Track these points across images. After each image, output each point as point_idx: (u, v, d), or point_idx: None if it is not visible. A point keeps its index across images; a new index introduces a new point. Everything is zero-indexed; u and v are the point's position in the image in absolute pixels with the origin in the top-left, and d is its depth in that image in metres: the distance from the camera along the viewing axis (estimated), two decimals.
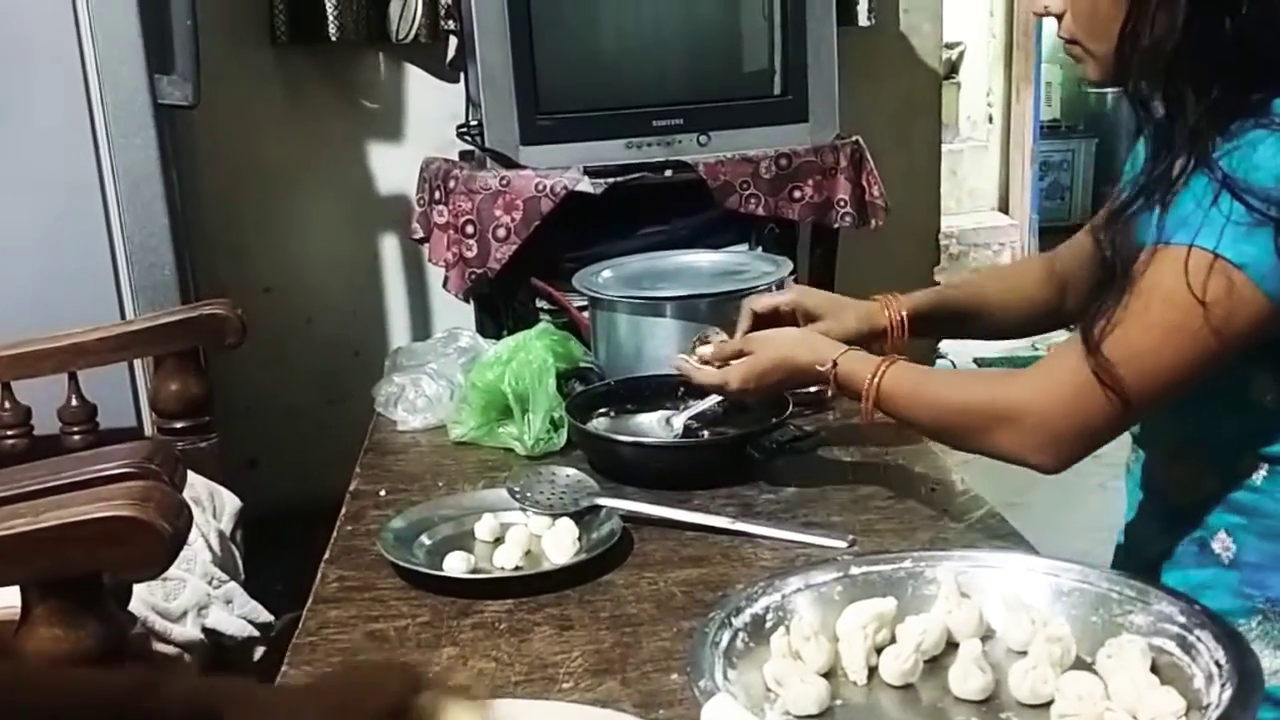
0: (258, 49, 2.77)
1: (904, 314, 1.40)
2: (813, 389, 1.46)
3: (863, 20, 2.87)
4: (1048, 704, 0.91)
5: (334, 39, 2.68)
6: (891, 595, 1.03)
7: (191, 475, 1.64)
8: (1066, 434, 1.08)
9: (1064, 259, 1.40)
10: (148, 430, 2.05)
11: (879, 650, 0.99)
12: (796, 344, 1.34)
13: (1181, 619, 0.94)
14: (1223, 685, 0.86)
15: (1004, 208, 5.81)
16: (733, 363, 1.36)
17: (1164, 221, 1.03)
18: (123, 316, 2.13)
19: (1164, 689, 0.88)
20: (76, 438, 1.81)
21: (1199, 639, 0.92)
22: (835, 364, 1.27)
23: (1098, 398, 1.05)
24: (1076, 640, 0.96)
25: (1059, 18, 1.15)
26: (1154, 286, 1.03)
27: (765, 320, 1.44)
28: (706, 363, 1.40)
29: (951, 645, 0.99)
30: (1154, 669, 0.92)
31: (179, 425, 1.81)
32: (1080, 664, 0.95)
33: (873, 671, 0.98)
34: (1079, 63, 1.15)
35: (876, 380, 1.22)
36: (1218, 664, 0.89)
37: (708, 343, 1.44)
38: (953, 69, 5.48)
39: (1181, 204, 1.02)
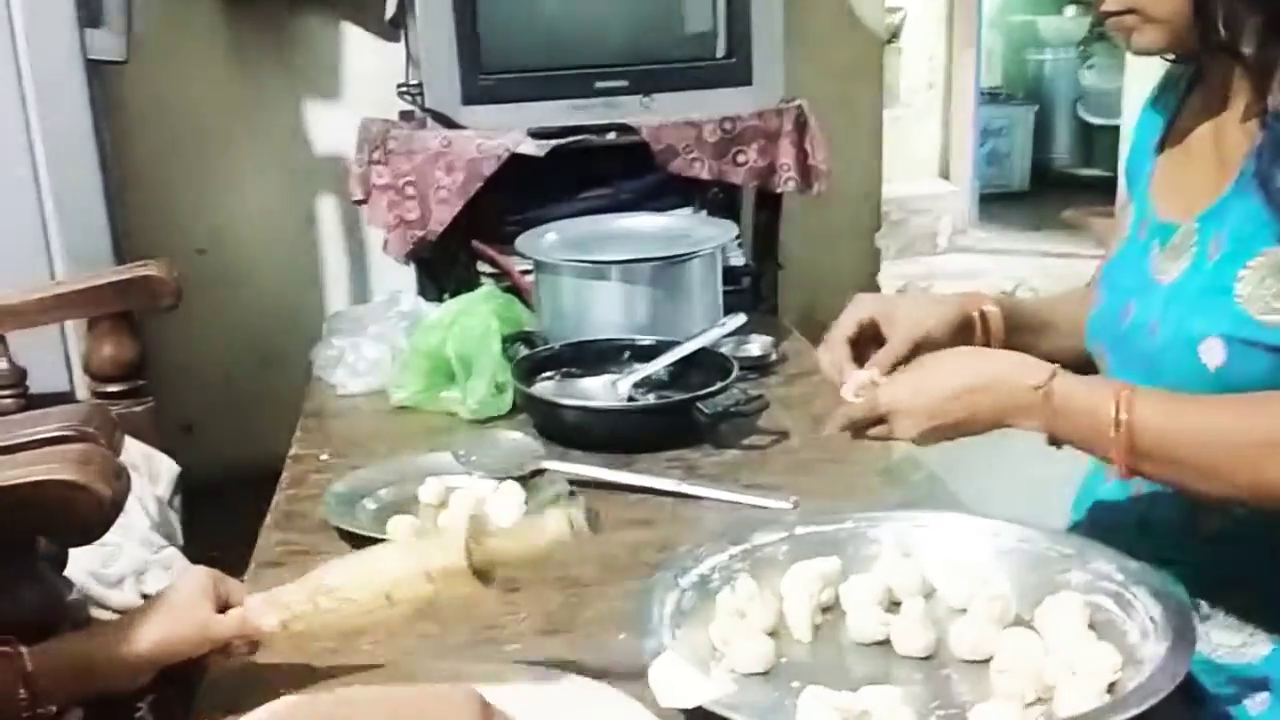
0: (195, 3, 2.71)
1: (992, 310, 1.22)
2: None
3: None
4: (988, 660, 0.94)
5: None
6: (835, 555, 1.05)
7: (127, 440, 1.61)
8: None
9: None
10: (80, 394, 2.01)
11: (823, 609, 1.01)
12: (983, 353, 1.12)
13: (1118, 576, 0.97)
14: (1157, 640, 0.89)
15: (944, 174, 5.87)
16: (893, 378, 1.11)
17: None
18: (52, 277, 2.09)
19: (1101, 644, 0.91)
20: (7, 401, 1.77)
21: (1135, 596, 0.95)
22: (1054, 375, 1.01)
23: None
24: (1016, 598, 0.99)
25: None
26: None
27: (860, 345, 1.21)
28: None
29: (894, 603, 1.01)
30: (1091, 625, 0.95)
31: (113, 389, 1.78)
32: (1020, 621, 0.98)
33: (817, 629, 1.00)
34: (1128, 34, 1.07)
35: (1123, 414, 0.97)
36: (1153, 620, 0.92)
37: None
38: (894, 34, 5.50)
39: None
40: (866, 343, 1.20)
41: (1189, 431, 0.97)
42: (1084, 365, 1.21)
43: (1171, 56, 1.16)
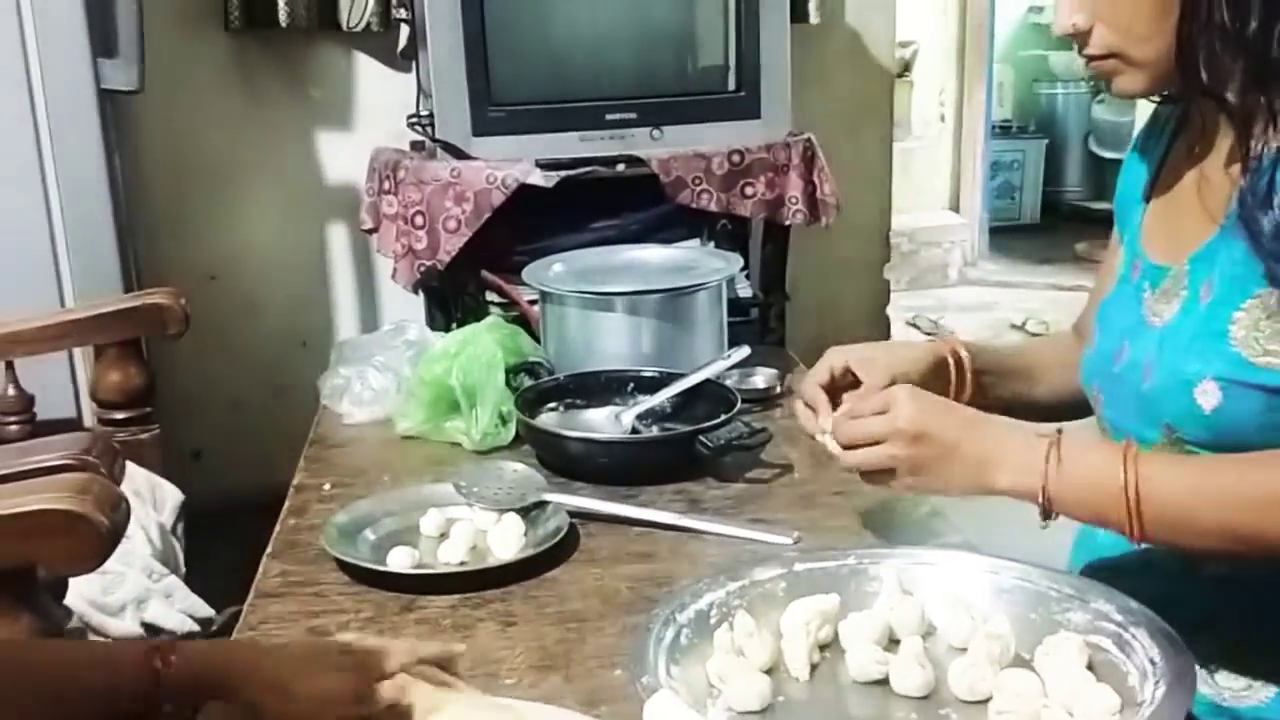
0: (208, 34, 2.73)
1: (964, 354, 1.24)
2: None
3: (812, 18, 2.89)
4: (986, 700, 0.92)
5: (284, 25, 2.65)
6: (835, 592, 1.04)
7: (131, 467, 1.62)
8: None
9: (1088, 314, 1.29)
10: (87, 421, 2.02)
11: (821, 647, 1.00)
12: (964, 411, 1.10)
13: (1118, 617, 0.96)
14: (1156, 682, 0.88)
15: (955, 207, 5.87)
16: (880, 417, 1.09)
17: None
18: (62, 304, 2.10)
19: (1099, 686, 0.90)
20: (13, 428, 1.78)
21: (1134, 637, 0.94)
22: (1061, 430, 1.03)
23: None
24: (1015, 637, 0.98)
25: (1086, 35, 1.07)
26: None
27: (837, 393, 1.23)
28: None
29: (894, 641, 1.00)
30: (1090, 666, 0.93)
31: (119, 416, 1.79)
32: (1019, 661, 0.97)
33: (815, 668, 0.99)
34: (1111, 78, 1.08)
35: (1134, 477, 0.97)
36: (1152, 661, 0.91)
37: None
38: (906, 67, 5.52)
39: None
40: (842, 390, 1.22)
41: (1218, 491, 0.97)
42: (1057, 415, 1.26)
43: (1156, 98, 1.16)
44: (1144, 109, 1.25)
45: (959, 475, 1.06)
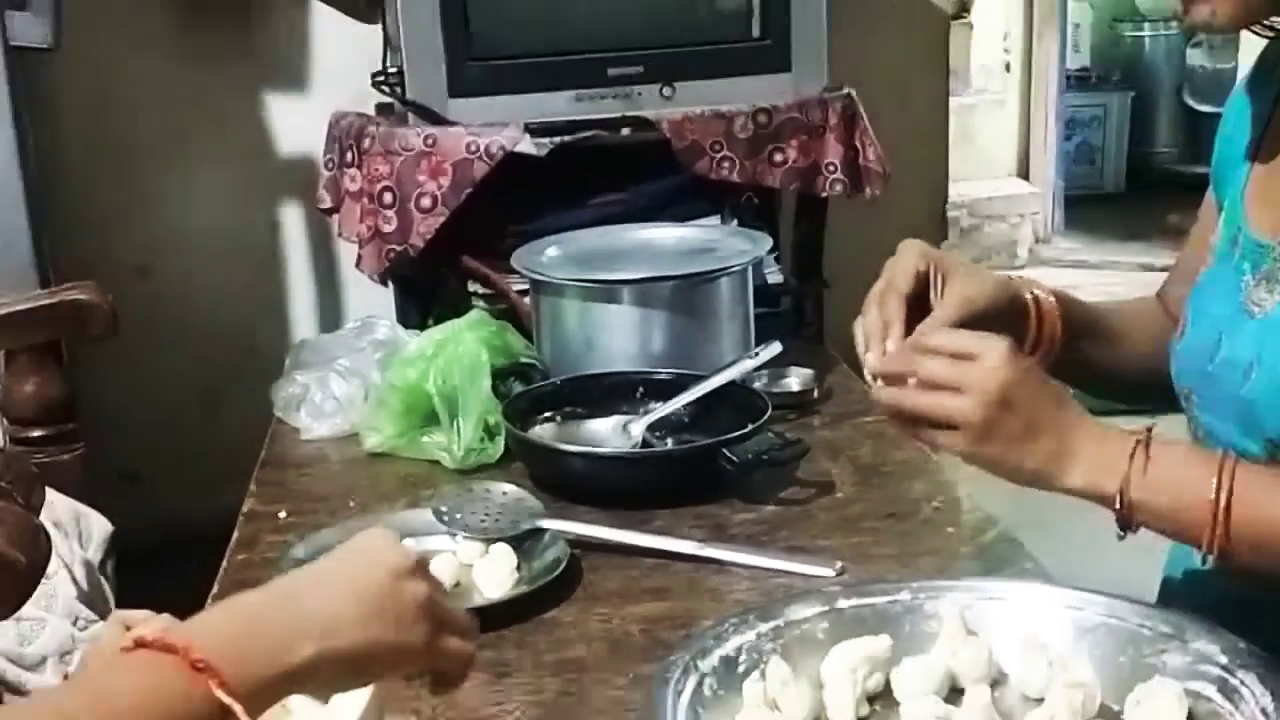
0: None
1: (1049, 300, 1.21)
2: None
3: None
4: None
5: None
6: (885, 633, 1.04)
7: (52, 494, 1.63)
8: None
9: (1174, 284, 1.29)
10: None
11: (870, 699, 1.01)
12: (1060, 392, 1.07)
13: (1223, 659, 0.96)
14: None
15: (1024, 173, 5.87)
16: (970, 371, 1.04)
17: None
18: None
19: None
20: None
21: (1242, 682, 0.94)
22: (1151, 428, 1.02)
23: None
24: (1101, 685, 0.98)
25: None
26: None
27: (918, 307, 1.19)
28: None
29: (956, 691, 1.00)
30: (1191, 718, 0.93)
31: (36, 434, 1.80)
32: (1106, 713, 0.97)
33: None
34: (1195, 4, 1.04)
35: (1228, 483, 0.98)
36: (1264, 712, 0.90)
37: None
38: (963, 8, 5.52)
39: None
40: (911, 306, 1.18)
41: None
42: (1144, 393, 1.26)
43: (1265, 33, 1.15)
44: (1249, 52, 1.24)
45: (1029, 459, 1.04)
